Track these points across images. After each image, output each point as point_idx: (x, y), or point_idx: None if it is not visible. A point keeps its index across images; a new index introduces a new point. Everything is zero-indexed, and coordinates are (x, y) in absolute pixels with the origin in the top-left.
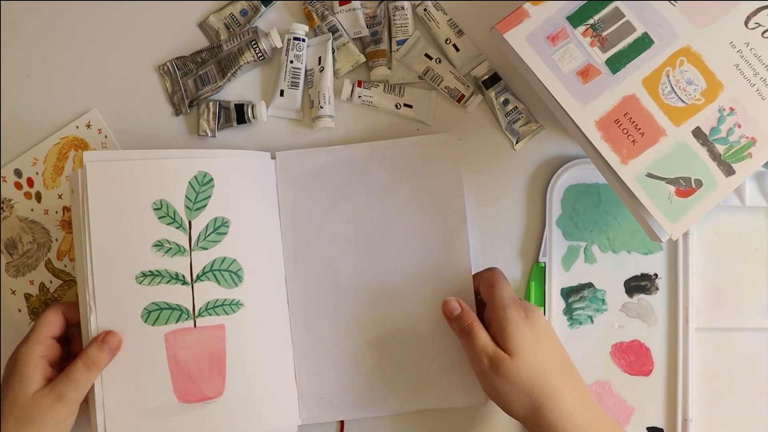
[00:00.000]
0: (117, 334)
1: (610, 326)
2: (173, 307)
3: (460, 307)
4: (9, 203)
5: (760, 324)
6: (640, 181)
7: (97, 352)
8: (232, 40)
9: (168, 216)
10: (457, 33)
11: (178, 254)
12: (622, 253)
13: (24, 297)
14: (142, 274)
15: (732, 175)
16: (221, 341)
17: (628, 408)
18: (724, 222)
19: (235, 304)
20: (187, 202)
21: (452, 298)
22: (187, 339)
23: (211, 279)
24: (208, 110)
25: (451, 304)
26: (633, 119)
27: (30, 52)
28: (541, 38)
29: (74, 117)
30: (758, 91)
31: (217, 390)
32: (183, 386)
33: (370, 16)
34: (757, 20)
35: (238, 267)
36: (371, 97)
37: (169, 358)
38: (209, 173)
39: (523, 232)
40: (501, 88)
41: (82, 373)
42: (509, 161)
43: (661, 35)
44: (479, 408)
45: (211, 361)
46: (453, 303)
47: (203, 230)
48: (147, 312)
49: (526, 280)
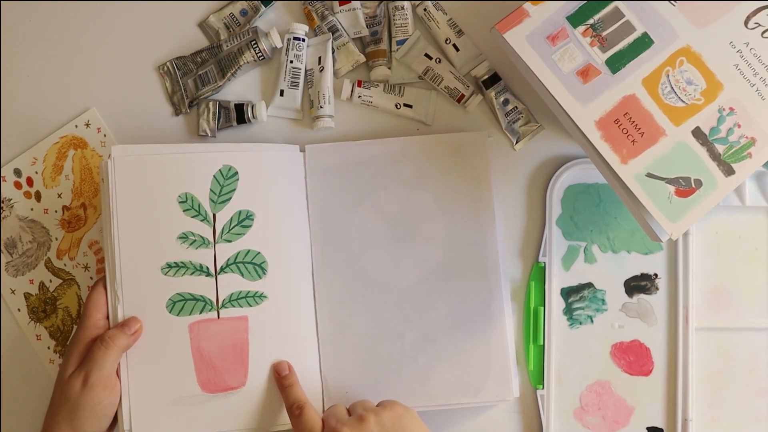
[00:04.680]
0: (138, 320)
1: (610, 326)
2: (197, 298)
3: (287, 369)
4: (9, 203)
5: (760, 324)
6: (640, 181)
7: (115, 331)
8: (232, 40)
9: (193, 209)
10: (457, 33)
11: (203, 246)
12: (622, 253)
13: (24, 296)
14: (168, 266)
15: (732, 175)
16: (244, 332)
17: (628, 408)
18: (724, 222)
19: (259, 296)
20: (212, 195)
21: (283, 360)
22: (211, 330)
23: (234, 271)
24: (208, 110)
25: (280, 365)
26: (633, 119)
27: (30, 52)
28: (541, 38)
29: (73, 116)
30: (758, 91)
31: (239, 380)
32: (206, 376)
33: (370, 16)
34: (757, 20)
35: (263, 260)
36: (371, 97)
37: (193, 348)
38: (234, 167)
39: (523, 231)
40: (501, 88)
41: (101, 351)
42: (509, 161)
43: (661, 35)
44: (507, 407)
45: (234, 352)
46: (281, 364)
47: (227, 223)
48: (172, 302)
49: (526, 279)
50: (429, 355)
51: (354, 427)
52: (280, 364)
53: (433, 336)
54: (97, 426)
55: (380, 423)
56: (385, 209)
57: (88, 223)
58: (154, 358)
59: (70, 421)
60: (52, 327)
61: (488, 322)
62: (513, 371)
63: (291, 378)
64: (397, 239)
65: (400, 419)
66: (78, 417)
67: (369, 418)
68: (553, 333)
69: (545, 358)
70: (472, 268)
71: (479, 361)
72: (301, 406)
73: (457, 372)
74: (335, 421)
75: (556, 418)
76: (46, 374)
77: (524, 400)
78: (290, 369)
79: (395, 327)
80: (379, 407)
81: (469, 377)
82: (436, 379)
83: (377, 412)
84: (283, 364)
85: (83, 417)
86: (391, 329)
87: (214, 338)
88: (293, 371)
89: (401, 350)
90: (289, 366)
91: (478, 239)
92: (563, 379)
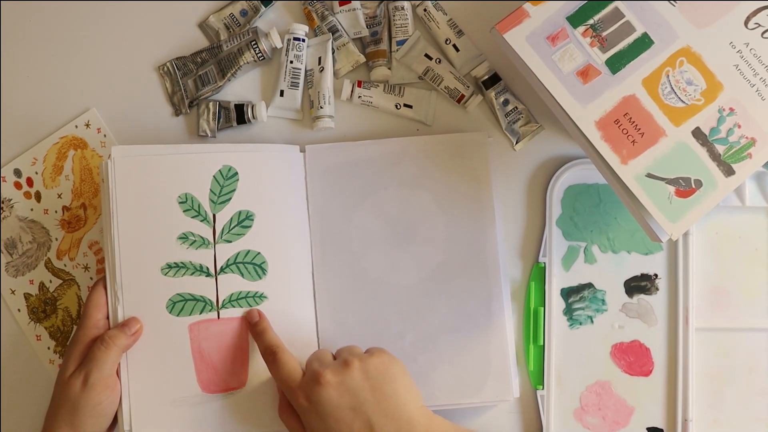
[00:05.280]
0: (138, 320)
1: (610, 326)
2: (197, 298)
3: (258, 316)
4: (9, 203)
5: (760, 324)
6: (640, 182)
7: (115, 331)
8: (232, 41)
9: (193, 209)
10: (457, 33)
11: (203, 246)
12: (622, 253)
13: (24, 297)
14: (168, 266)
15: (732, 175)
16: (245, 333)
17: (628, 408)
18: (724, 222)
19: (259, 297)
20: (212, 195)
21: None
22: (211, 330)
23: (234, 271)
24: (208, 110)
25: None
26: (633, 119)
27: (30, 52)
28: (541, 38)
29: (73, 116)
30: (758, 92)
31: (240, 381)
32: (206, 376)
33: (370, 16)
34: (757, 20)
35: (263, 260)
36: (371, 98)
37: (193, 348)
38: (234, 167)
39: (523, 232)
40: (501, 88)
41: (101, 351)
42: (509, 161)
43: (661, 35)
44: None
45: (235, 353)
46: (251, 311)
47: (227, 223)
48: (172, 303)
49: (526, 280)
50: (429, 355)
51: (337, 372)
52: (250, 312)
53: (433, 336)
54: (97, 426)
55: (365, 369)
56: (385, 209)
57: (88, 224)
58: (154, 358)
59: (71, 421)
60: (52, 327)
61: (488, 322)
62: (513, 371)
63: (262, 323)
64: (397, 239)
65: (386, 367)
66: (78, 417)
67: (353, 363)
68: (553, 333)
69: (545, 358)
70: (472, 269)
71: (479, 362)
72: (274, 350)
73: (457, 372)
74: (318, 364)
75: (556, 418)
76: (46, 374)
77: (524, 401)
78: (261, 315)
79: (395, 327)
80: (366, 353)
81: (469, 377)
82: (436, 379)
83: (363, 358)
84: (253, 311)
85: (83, 417)
86: (391, 329)
87: (214, 338)
88: (264, 317)
89: (401, 350)
90: (259, 313)
91: (478, 239)
92: (563, 380)
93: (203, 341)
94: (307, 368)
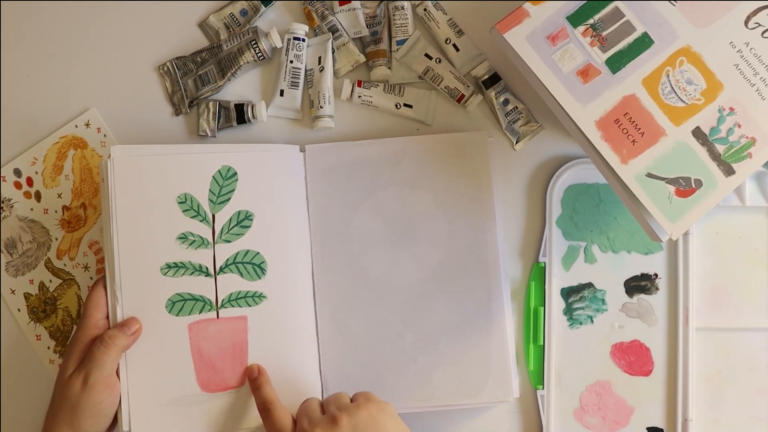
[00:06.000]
0: (137, 320)
1: (610, 326)
2: (197, 298)
3: (257, 371)
4: (9, 203)
5: (760, 324)
6: (640, 181)
7: (115, 331)
8: (232, 40)
9: (192, 209)
10: (457, 33)
11: (202, 246)
12: (622, 253)
13: (24, 296)
14: (167, 266)
15: (732, 175)
16: (244, 332)
17: (628, 408)
18: (724, 222)
19: (258, 297)
20: (211, 195)
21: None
22: (210, 329)
23: (234, 271)
24: (208, 110)
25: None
26: (633, 119)
27: (30, 52)
28: (541, 38)
29: (73, 116)
30: (758, 91)
31: (239, 380)
32: (206, 376)
33: (370, 16)
34: (757, 20)
35: (262, 260)
36: (371, 97)
37: (193, 348)
38: (233, 167)
39: (523, 232)
40: (501, 88)
41: (100, 351)
42: (509, 161)
43: (661, 35)
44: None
45: (234, 352)
46: (251, 367)
47: (227, 223)
48: (171, 303)
49: (526, 279)
50: (429, 355)
51: (326, 429)
52: (251, 367)
53: (433, 336)
54: (97, 426)
55: (353, 424)
56: (385, 209)
57: (88, 223)
58: (153, 358)
59: (71, 421)
60: (52, 327)
61: (488, 322)
62: (513, 371)
63: (261, 378)
64: (397, 239)
65: (374, 419)
66: (78, 417)
67: (342, 420)
68: (553, 333)
69: (545, 358)
70: (472, 269)
71: (479, 362)
72: (269, 407)
73: (457, 372)
74: (307, 422)
75: (556, 418)
76: (46, 374)
77: (524, 401)
78: (260, 371)
79: (395, 327)
80: (353, 405)
81: (469, 377)
82: (436, 379)
83: (350, 411)
84: (253, 367)
85: (83, 417)
86: (391, 329)
87: (213, 338)
88: (263, 372)
89: (401, 350)
90: (259, 368)
91: (479, 239)
92: (563, 380)
93: (202, 341)
94: (297, 425)
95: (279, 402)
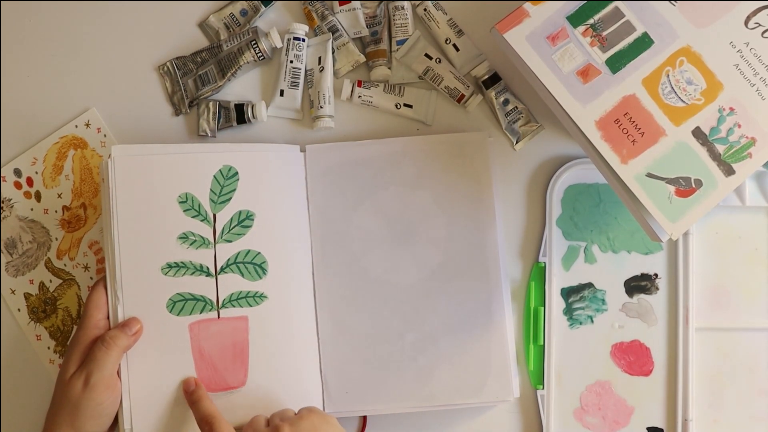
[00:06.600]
0: (138, 320)
1: (610, 326)
2: (197, 298)
3: (194, 384)
4: (9, 203)
5: (760, 324)
6: (640, 181)
7: (116, 332)
8: (232, 40)
9: (193, 209)
10: (457, 33)
11: (203, 246)
12: (622, 253)
13: (24, 296)
14: (168, 266)
15: (732, 175)
16: (244, 332)
17: (628, 408)
18: (724, 222)
19: (259, 297)
20: (212, 195)
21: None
22: (211, 329)
23: (234, 271)
24: (208, 110)
25: (187, 381)
26: (633, 119)
27: (30, 52)
28: (541, 38)
29: (73, 116)
30: (758, 91)
31: (239, 380)
32: (206, 375)
33: (370, 16)
34: (757, 20)
35: (263, 260)
36: (371, 97)
37: (193, 347)
38: (234, 167)
39: (523, 232)
40: (501, 88)
41: (101, 351)
42: (509, 161)
43: (661, 35)
44: (508, 407)
45: (234, 352)
46: (188, 380)
47: (227, 223)
48: (172, 302)
49: (526, 279)
50: (429, 355)
51: None
52: (187, 380)
53: (433, 336)
54: (98, 426)
55: None
56: (386, 209)
57: (88, 223)
58: (154, 357)
59: (71, 421)
60: (52, 327)
61: (488, 322)
62: (513, 371)
63: (199, 392)
64: (398, 239)
65: (316, 429)
66: (79, 417)
67: (284, 428)
68: (553, 333)
69: (545, 358)
70: (472, 269)
71: (479, 362)
72: (210, 420)
73: (457, 372)
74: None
75: (556, 418)
76: (46, 374)
77: (524, 401)
78: (197, 384)
79: (395, 327)
80: (296, 416)
81: (470, 377)
82: (436, 379)
83: (293, 423)
84: (190, 380)
85: (84, 417)
86: (392, 329)
87: (214, 338)
88: (200, 386)
89: (401, 350)
90: (195, 381)
91: (479, 239)
92: (563, 379)
93: (203, 341)
94: None
95: (221, 416)
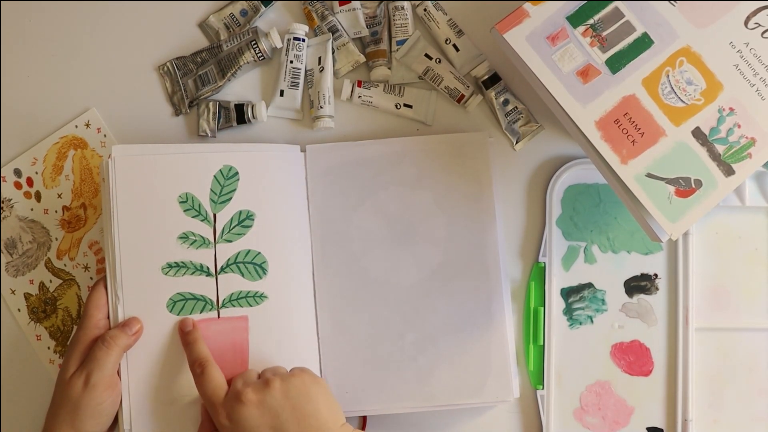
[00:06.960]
0: (138, 320)
1: (610, 326)
2: (198, 297)
3: (191, 325)
4: (9, 203)
5: (760, 324)
6: (639, 181)
7: (116, 331)
8: (232, 40)
9: (193, 209)
10: (457, 33)
11: (203, 246)
12: (622, 253)
13: (24, 296)
14: (168, 266)
15: (732, 175)
16: (244, 332)
17: (628, 408)
18: (724, 222)
19: (259, 296)
20: (212, 195)
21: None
22: (211, 329)
23: (235, 271)
24: (208, 110)
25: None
26: (633, 119)
27: (30, 52)
28: (541, 38)
29: (73, 116)
30: (758, 91)
31: None
32: None
33: (370, 16)
34: (757, 20)
35: (263, 260)
36: (371, 97)
37: None
38: (234, 167)
39: (523, 232)
40: (501, 88)
41: (102, 351)
42: (509, 161)
43: (660, 35)
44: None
45: (234, 351)
46: (185, 320)
47: (228, 223)
48: (172, 302)
49: (526, 280)
50: (429, 355)
51: (258, 390)
52: (184, 320)
53: (433, 336)
54: (98, 426)
55: (285, 389)
56: (386, 209)
57: (88, 223)
58: (154, 357)
59: (72, 421)
60: (52, 327)
61: (488, 322)
62: (513, 371)
63: (194, 334)
64: (398, 239)
65: (306, 387)
66: (79, 417)
67: (275, 382)
68: (553, 333)
69: (545, 358)
70: (472, 269)
71: (479, 362)
72: (203, 363)
73: (457, 372)
74: (241, 383)
75: (556, 418)
76: (46, 374)
77: (524, 401)
78: (194, 325)
79: (395, 327)
80: (288, 373)
81: (469, 377)
82: (436, 379)
83: (284, 377)
84: (187, 320)
85: (85, 417)
86: (392, 329)
87: (214, 337)
88: (197, 328)
89: (401, 350)
90: (193, 323)
91: (479, 239)
92: (563, 380)
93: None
94: (230, 387)
95: (213, 361)
